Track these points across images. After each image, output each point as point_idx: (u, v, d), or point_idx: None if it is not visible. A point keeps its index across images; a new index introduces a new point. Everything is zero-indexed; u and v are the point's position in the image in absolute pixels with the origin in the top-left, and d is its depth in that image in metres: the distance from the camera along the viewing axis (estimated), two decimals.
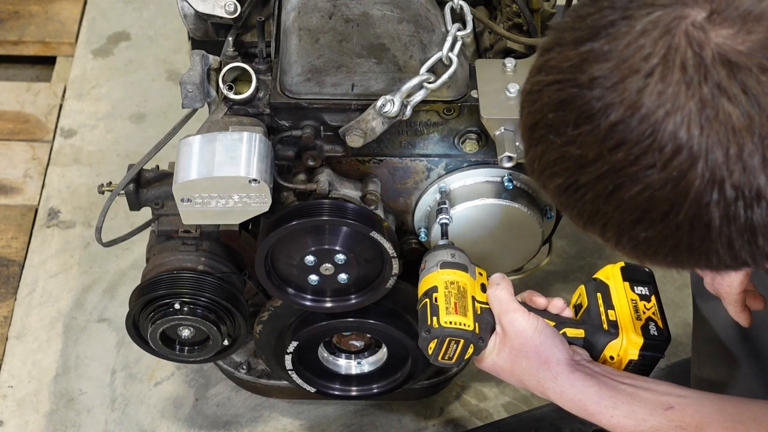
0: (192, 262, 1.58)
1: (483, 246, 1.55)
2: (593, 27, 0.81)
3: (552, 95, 0.84)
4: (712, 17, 0.77)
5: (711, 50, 0.76)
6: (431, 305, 1.34)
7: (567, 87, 0.83)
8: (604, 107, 0.80)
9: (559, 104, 0.84)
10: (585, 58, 0.81)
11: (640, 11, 0.79)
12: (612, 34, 0.80)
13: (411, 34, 1.36)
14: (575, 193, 0.85)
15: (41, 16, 2.66)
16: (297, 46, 1.38)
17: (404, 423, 1.91)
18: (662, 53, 0.77)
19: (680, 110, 0.77)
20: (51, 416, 1.91)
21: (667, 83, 0.77)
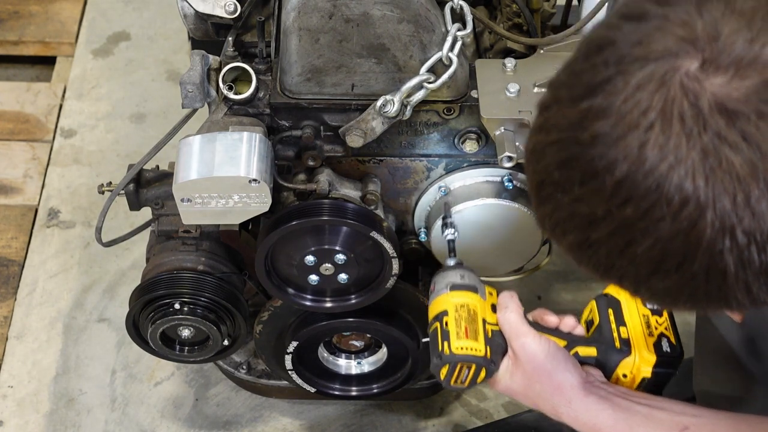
0: (192, 262, 1.58)
1: (483, 246, 1.55)
2: (589, 84, 0.82)
3: (555, 154, 0.85)
4: (704, 66, 0.77)
5: (707, 99, 0.77)
6: (442, 330, 1.32)
7: (569, 145, 0.83)
8: (608, 164, 0.80)
9: (563, 163, 0.84)
10: (584, 115, 0.81)
11: (634, 66, 0.79)
12: (608, 90, 0.80)
13: (411, 34, 1.36)
14: (588, 249, 0.86)
15: (41, 16, 2.66)
16: (297, 46, 1.38)
17: (404, 423, 1.91)
18: (660, 106, 0.77)
19: (683, 162, 0.77)
20: (51, 416, 1.91)
21: (667, 136, 0.77)
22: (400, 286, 1.57)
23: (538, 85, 1.42)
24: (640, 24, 0.80)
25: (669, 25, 0.79)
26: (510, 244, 1.56)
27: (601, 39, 0.83)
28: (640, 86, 0.78)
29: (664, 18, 0.79)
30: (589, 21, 1.47)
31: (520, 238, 1.54)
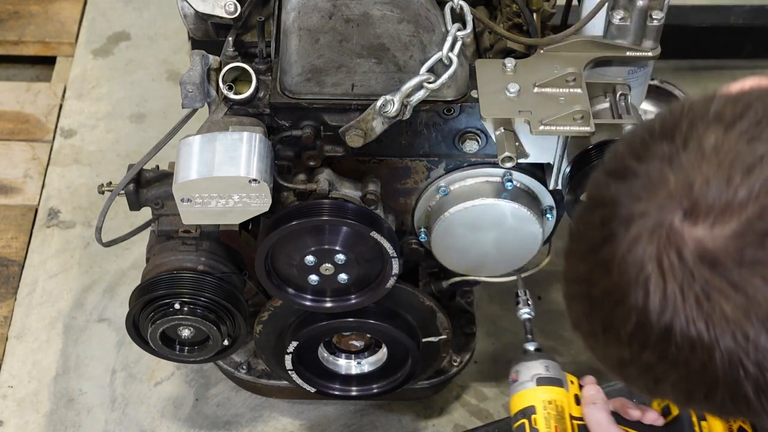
0: (192, 262, 1.58)
1: (483, 246, 1.55)
2: (592, 242, 0.87)
3: (578, 306, 0.91)
4: (686, 217, 0.80)
5: (690, 251, 0.80)
6: (531, 428, 1.32)
7: (586, 300, 0.89)
8: (620, 318, 0.85)
9: (586, 315, 0.90)
10: (592, 271, 0.87)
11: (626, 225, 0.83)
12: (607, 250, 0.84)
13: (411, 34, 1.36)
14: (629, 379, 0.91)
15: (41, 16, 2.66)
16: (297, 46, 1.38)
17: (404, 423, 1.91)
18: (653, 261, 0.81)
19: (682, 311, 0.81)
20: (51, 416, 1.91)
21: (663, 289, 0.81)
22: (400, 286, 1.57)
23: (538, 85, 1.43)
24: (625, 182, 0.84)
25: (648, 182, 0.83)
26: (510, 244, 1.56)
27: (596, 198, 0.88)
28: (633, 244, 0.82)
29: (644, 175, 0.83)
30: (589, 21, 1.47)
31: (520, 238, 1.54)
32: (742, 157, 0.80)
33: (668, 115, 0.86)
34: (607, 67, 1.52)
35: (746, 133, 0.81)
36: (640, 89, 1.56)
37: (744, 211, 0.79)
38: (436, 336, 1.69)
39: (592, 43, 1.48)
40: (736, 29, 2.47)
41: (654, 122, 0.87)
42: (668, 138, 0.84)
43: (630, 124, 1.42)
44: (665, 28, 1.48)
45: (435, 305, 1.64)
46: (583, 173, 1.42)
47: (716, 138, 0.81)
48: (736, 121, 0.82)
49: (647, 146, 0.84)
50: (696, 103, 0.87)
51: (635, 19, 1.45)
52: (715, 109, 0.84)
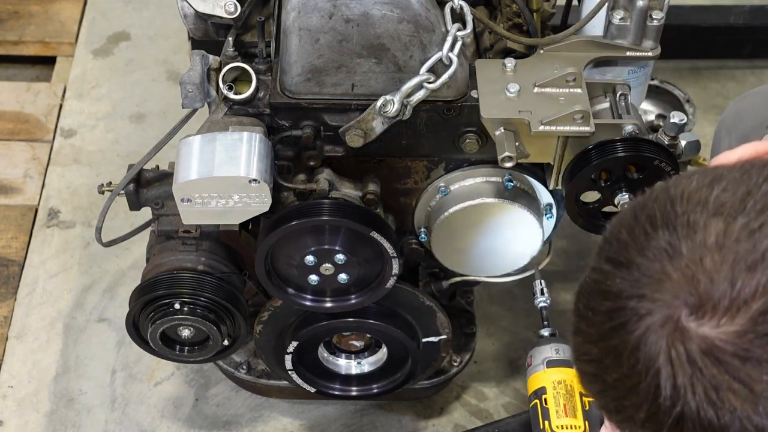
0: (192, 262, 1.58)
1: (483, 246, 1.56)
2: (601, 330, 0.87)
3: (590, 385, 0.92)
4: (692, 313, 0.81)
5: (697, 346, 0.81)
6: (542, 408, 1.37)
7: (598, 380, 0.89)
8: (633, 405, 0.86)
9: (599, 393, 0.91)
10: (603, 357, 0.87)
11: (636, 318, 0.84)
12: (618, 340, 0.85)
13: (411, 34, 1.36)
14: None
15: (41, 16, 2.66)
16: (297, 46, 1.38)
17: (404, 423, 1.91)
18: (663, 356, 0.82)
19: (693, 401, 0.82)
20: (51, 416, 1.91)
21: (674, 382, 0.82)
22: (400, 286, 1.57)
23: (538, 85, 1.43)
24: (629, 275, 0.85)
25: (652, 278, 0.84)
26: (510, 244, 1.56)
27: (601, 287, 0.88)
28: (642, 338, 0.83)
29: (647, 270, 0.84)
30: (589, 21, 1.47)
31: (520, 238, 1.54)
32: (745, 252, 0.81)
33: (667, 201, 0.86)
34: (607, 67, 1.52)
35: (748, 226, 0.82)
36: (640, 89, 1.56)
37: (748, 309, 0.80)
38: (436, 336, 1.69)
39: (592, 43, 1.48)
40: (736, 29, 2.47)
41: (654, 206, 0.87)
42: (669, 228, 0.84)
43: (630, 124, 1.42)
44: (665, 28, 1.48)
45: (435, 305, 1.64)
46: (583, 173, 1.42)
47: (718, 232, 0.82)
48: (737, 213, 0.82)
49: (648, 236, 0.85)
50: (695, 188, 0.86)
51: (635, 19, 1.45)
52: (716, 197, 0.84)
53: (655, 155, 1.40)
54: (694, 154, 1.49)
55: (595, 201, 1.47)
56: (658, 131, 1.48)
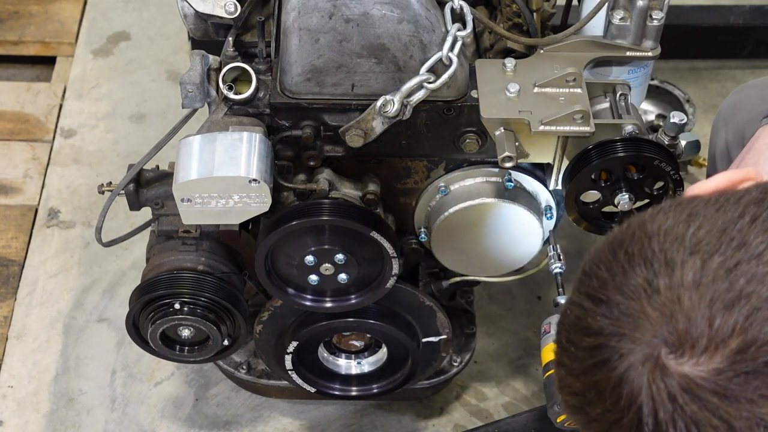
0: (192, 262, 1.58)
1: (483, 246, 1.56)
2: (584, 366, 0.88)
3: (574, 416, 0.92)
4: (672, 351, 0.83)
5: (677, 384, 0.82)
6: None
7: (582, 413, 0.90)
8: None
9: (583, 425, 0.91)
10: (585, 392, 0.88)
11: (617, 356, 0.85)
12: (599, 376, 0.86)
13: (411, 34, 1.36)
14: None
15: (41, 16, 2.66)
16: (297, 46, 1.38)
17: (404, 423, 1.91)
18: (644, 392, 0.83)
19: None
20: (51, 416, 1.91)
21: (655, 417, 0.83)
22: (400, 286, 1.57)
23: (538, 85, 1.43)
24: (609, 313, 0.86)
25: (631, 318, 0.84)
26: (510, 244, 1.56)
27: (582, 323, 0.89)
28: (624, 375, 0.84)
29: (626, 309, 0.85)
30: (589, 21, 1.47)
31: (520, 238, 1.54)
32: (722, 291, 0.81)
33: (645, 237, 0.87)
34: (607, 67, 1.52)
35: (724, 265, 0.82)
36: (640, 89, 1.56)
37: (726, 347, 0.81)
38: (436, 336, 1.69)
39: (592, 43, 1.48)
40: (736, 29, 2.47)
41: (631, 243, 0.88)
42: (647, 265, 0.85)
43: (630, 124, 1.42)
44: (665, 28, 1.48)
45: (435, 305, 1.64)
46: (583, 173, 1.42)
47: (695, 271, 0.82)
48: (714, 252, 0.83)
49: (626, 274, 0.86)
50: (672, 225, 0.87)
51: (635, 19, 1.45)
52: (692, 234, 0.85)
53: (655, 155, 1.40)
54: (694, 154, 1.49)
55: (595, 201, 1.47)
56: (658, 131, 1.48)
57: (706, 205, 0.88)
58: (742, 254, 0.82)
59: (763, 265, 0.82)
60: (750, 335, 0.80)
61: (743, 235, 0.84)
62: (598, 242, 0.93)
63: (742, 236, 0.84)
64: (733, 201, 0.88)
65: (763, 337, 0.80)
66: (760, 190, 0.89)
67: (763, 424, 0.80)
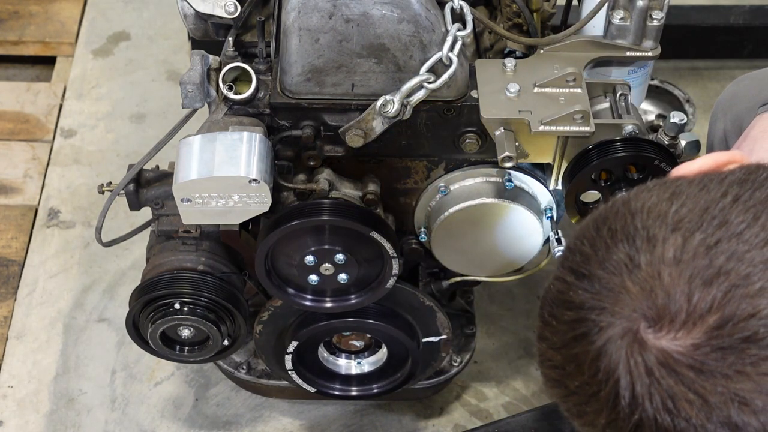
0: (192, 262, 1.58)
1: (483, 246, 1.56)
2: (564, 339, 0.89)
3: (553, 389, 0.94)
4: (650, 326, 0.84)
5: (654, 358, 0.83)
6: None
7: (561, 386, 0.91)
8: (594, 411, 0.88)
9: (561, 398, 0.93)
10: (565, 364, 0.90)
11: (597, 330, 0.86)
12: (579, 349, 0.87)
13: (411, 34, 1.36)
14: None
15: (41, 16, 2.66)
16: (297, 46, 1.38)
17: (404, 423, 1.91)
18: (621, 366, 0.84)
19: (651, 409, 0.84)
20: (51, 416, 1.91)
21: (632, 391, 0.84)
22: (400, 286, 1.57)
23: (538, 85, 1.43)
24: (591, 287, 0.87)
25: (612, 292, 0.86)
26: (510, 244, 1.56)
27: (564, 296, 0.90)
28: (602, 348, 0.85)
29: (607, 283, 0.86)
30: (589, 21, 1.47)
31: (520, 238, 1.54)
32: (702, 268, 0.82)
33: (628, 214, 0.88)
34: (607, 67, 1.52)
35: (705, 242, 0.83)
36: (640, 89, 1.56)
37: (704, 323, 0.82)
38: (436, 336, 1.69)
39: (592, 43, 1.48)
40: (736, 29, 2.47)
41: (615, 219, 0.89)
42: (629, 241, 0.86)
43: (630, 124, 1.42)
44: (665, 28, 1.48)
45: (435, 305, 1.64)
46: (583, 173, 1.42)
47: (676, 248, 0.84)
48: (695, 229, 0.84)
49: (609, 250, 0.87)
50: (655, 202, 0.88)
51: (635, 19, 1.45)
52: (674, 212, 0.86)
53: (655, 155, 1.40)
54: (694, 154, 1.49)
55: (595, 201, 1.47)
56: (658, 131, 1.48)
57: (690, 184, 0.89)
58: (723, 232, 0.83)
59: (743, 244, 0.83)
60: (727, 312, 0.81)
61: (725, 214, 0.84)
62: (584, 219, 0.94)
63: (723, 215, 0.84)
64: (717, 181, 0.88)
65: (740, 314, 0.81)
66: (743, 171, 0.90)
67: (738, 400, 0.81)
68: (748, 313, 0.80)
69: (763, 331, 0.80)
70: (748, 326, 0.80)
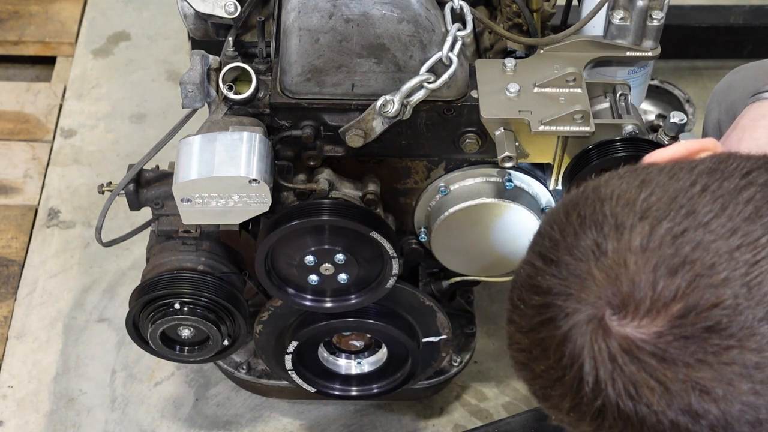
0: (192, 262, 1.58)
1: (483, 246, 1.55)
2: (531, 323, 0.90)
3: (520, 372, 0.94)
4: (615, 313, 0.84)
5: (618, 345, 0.84)
6: None
7: (527, 369, 0.92)
8: (559, 395, 0.89)
9: (528, 381, 0.94)
10: (531, 348, 0.90)
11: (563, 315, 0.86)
12: (545, 334, 0.88)
13: (411, 34, 1.36)
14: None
15: (41, 16, 2.66)
16: (297, 46, 1.38)
17: (404, 423, 1.91)
18: (586, 352, 0.85)
19: (613, 395, 0.84)
20: (51, 416, 1.91)
21: (596, 377, 0.85)
22: (400, 286, 1.57)
23: (538, 85, 1.43)
24: (558, 273, 0.88)
25: (578, 278, 0.86)
26: (510, 244, 1.56)
27: (533, 281, 0.91)
28: (568, 334, 0.86)
29: (574, 270, 0.87)
30: (589, 21, 1.47)
31: (520, 238, 1.54)
32: (668, 257, 0.83)
33: (597, 201, 0.89)
34: (607, 67, 1.52)
35: (671, 231, 0.83)
36: (640, 89, 1.56)
37: (668, 312, 0.82)
38: (436, 336, 1.69)
39: (592, 43, 1.48)
40: (736, 29, 2.47)
41: (584, 205, 0.89)
42: (597, 228, 0.87)
43: (630, 124, 1.42)
44: (665, 28, 1.48)
45: (435, 305, 1.64)
46: (583, 173, 1.42)
47: (643, 236, 0.84)
48: (663, 218, 0.84)
49: (577, 236, 0.88)
50: (624, 190, 0.88)
51: (635, 19, 1.45)
52: (643, 200, 0.86)
53: None
54: None
55: None
56: (658, 131, 1.48)
57: (660, 172, 0.89)
58: (690, 222, 0.84)
59: (709, 234, 0.83)
60: (691, 301, 0.81)
61: (693, 203, 0.85)
62: (555, 204, 0.95)
63: (691, 204, 0.85)
64: (687, 170, 0.89)
65: (704, 303, 0.81)
66: (714, 160, 0.90)
67: (699, 388, 0.82)
68: (712, 303, 0.81)
69: (725, 321, 0.80)
70: (711, 316, 0.81)
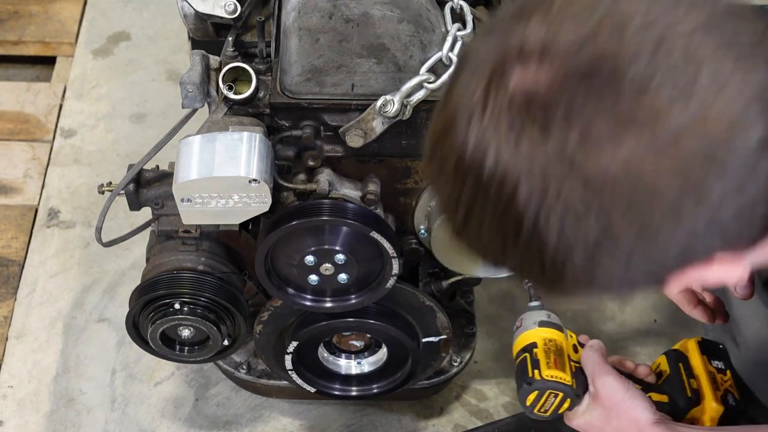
0: (192, 262, 1.58)
1: None
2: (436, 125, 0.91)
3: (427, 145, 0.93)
4: (517, 57, 0.83)
5: (512, 90, 0.82)
6: (532, 359, 1.41)
7: (431, 136, 0.92)
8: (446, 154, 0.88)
9: (426, 159, 0.93)
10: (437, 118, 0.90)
11: (467, 62, 0.88)
12: (450, 86, 0.89)
13: (411, 34, 1.36)
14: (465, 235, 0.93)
15: (41, 16, 2.66)
16: (297, 46, 1.38)
17: (404, 423, 1.91)
18: (480, 94, 0.84)
19: (495, 145, 0.83)
20: (51, 416, 1.91)
21: (481, 122, 0.84)
22: (400, 286, 1.57)
23: None
24: (487, 37, 0.88)
25: (494, 30, 0.87)
26: None
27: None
28: (467, 78, 0.86)
29: (499, 27, 0.87)
30: None
31: None
32: (585, 6, 0.82)
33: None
34: None
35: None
36: None
37: (569, 58, 0.81)
38: (436, 336, 1.69)
39: None
40: None
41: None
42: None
43: None
44: None
45: (435, 305, 1.64)
46: None
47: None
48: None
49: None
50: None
51: None
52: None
53: None
54: None
55: None
56: None
57: None
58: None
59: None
60: (597, 49, 0.80)
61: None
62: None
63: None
64: None
65: (609, 51, 0.80)
66: None
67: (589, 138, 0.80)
68: (615, 52, 0.80)
69: (626, 69, 0.79)
70: (616, 64, 0.80)
